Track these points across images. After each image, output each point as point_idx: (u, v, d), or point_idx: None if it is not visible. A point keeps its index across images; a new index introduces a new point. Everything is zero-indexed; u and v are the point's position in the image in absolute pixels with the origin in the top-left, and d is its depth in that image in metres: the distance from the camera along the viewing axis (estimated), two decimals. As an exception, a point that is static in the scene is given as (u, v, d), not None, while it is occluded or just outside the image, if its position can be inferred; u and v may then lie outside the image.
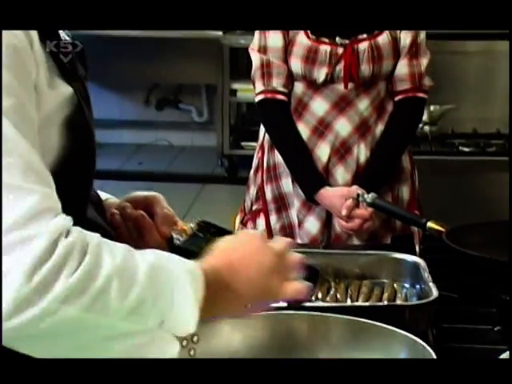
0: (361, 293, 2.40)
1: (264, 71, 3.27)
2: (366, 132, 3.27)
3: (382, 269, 2.53)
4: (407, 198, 3.37)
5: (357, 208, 3.07)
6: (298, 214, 3.33)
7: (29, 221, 1.33)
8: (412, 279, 2.47)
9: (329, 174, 3.27)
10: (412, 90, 3.28)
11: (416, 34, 3.25)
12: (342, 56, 3.18)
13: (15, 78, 1.43)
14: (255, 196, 3.44)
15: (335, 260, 2.55)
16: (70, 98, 1.62)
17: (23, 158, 1.39)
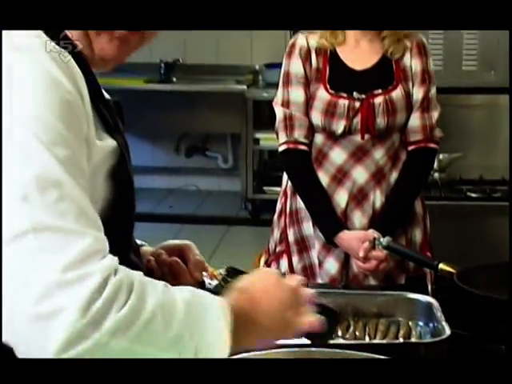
0: (378, 330, 2.38)
1: (287, 123, 3.28)
2: (381, 179, 3.27)
3: (398, 308, 2.50)
4: (420, 241, 3.36)
5: (373, 250, 3.08)
6: (318, 256, 3.32)
7: (82, 262, 1.35)
8: (426, 318, 2.44)
9: (347, 218, 3.26)
10: (424, 140, 3.30)
11: (427, 89, 3.28)
12: (359, 109, 3.20)
13: (70, 131, 1.44)
14: (279, 238, 3.44)
15: (354, 299, 2.52)
16: (114, 151, 1.64)
17: (77, 203, 1.40)
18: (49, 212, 1.36)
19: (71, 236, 1.36)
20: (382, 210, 3.28)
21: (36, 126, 1.40)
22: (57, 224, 1.36)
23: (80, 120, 1.49)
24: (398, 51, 3.27)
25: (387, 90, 3.24)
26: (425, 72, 3.31)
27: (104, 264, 1.38)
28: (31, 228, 1.34)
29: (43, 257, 1.33)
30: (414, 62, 3.29)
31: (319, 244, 3.32)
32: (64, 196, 1.38)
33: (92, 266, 1.35)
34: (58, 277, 1.32)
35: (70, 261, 1.33)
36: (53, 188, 1.37)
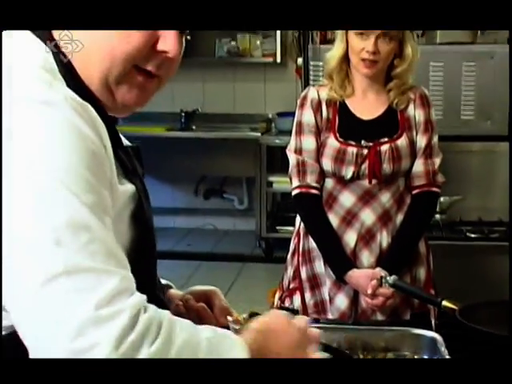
0: (386, 364, 2.37)
1: (300, 169, 3.30)
2: (387, 221, 3.28)
3: (404, 343, 2.47)
4: (424, 279, 3.36)
5: (380, 287, 3.07)
6: (329, 292, 3.32)
7: (113, 299, 1.35)
8: (430, 352, 2.41)
9: (356, 257, 3.26)
10: (427, 185, 3.31)
11: (430, 138, 3.31)
12: (367, 156, 3.21)
13: (96, 178, 1.44)
14: (292, 276, 3.43)
15: (363, 334, 2.49)
16: (134, 195, 1.63)
17: (105, 245, 1.40)
18: (80, 254, 1.36)
19: (102, 276, 1.36)
20: (388, 250, 3.27)
21: (65, 175, 1.40)
22: (88, 265, 1.36)
23: (104, 167, 1.50)
24: (403, 102, 3.30)
25: (393, 139, 3.26)
26: (427, 122, 3.32)
27: (133, 301, 1.38)
28: (64, 270, 1.34)
29: (76, 296, 1.34)
30: (417, 113, 3.31)
31: (330, 281, 3.31)
32: (93, 238, 1.38)
33: (122, 304, 1.36)
34: (92, 314, 1.32)
35: (102, 299, 1.34)
36: (83, 231, 1.37)
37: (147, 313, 1.38)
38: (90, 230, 1.38)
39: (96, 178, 1.44)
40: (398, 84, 3.29)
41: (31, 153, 1.40)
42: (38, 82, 1.48)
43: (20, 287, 1.37)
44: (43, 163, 1.40)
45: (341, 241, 3.27)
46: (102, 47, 1.60)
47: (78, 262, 1.35)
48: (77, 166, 1.41)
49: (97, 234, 1.39)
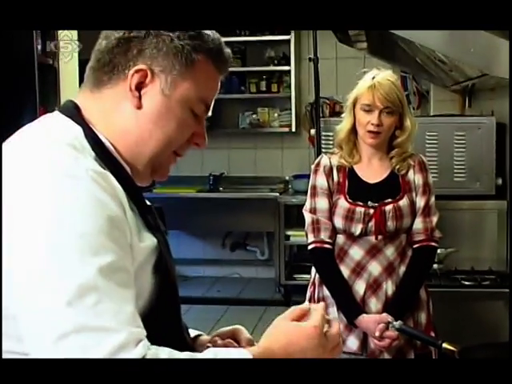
0: (395, 402, 2.31)
1: (314, 227, 3.30)
2: (392, 272, 3.28)
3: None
4: (424, 322, 3.33)
5: (387, 331, 3.08)
6: (341, 335, 3.25)
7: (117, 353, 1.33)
8: (434, 391, 2.36)
9: (364, 304, 3.25)
10: (426, 240, 3.31)
11: (428, 199, 3.32)
12: (373, 215, 3.22)
13: (112, 242, 1.42)
14: None
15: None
16: (156, 248, 1.59)
17: (114, 303, 1.38)
18: (88, 314, 1.34)
19: (107, 333, 1.34)
20: (393, 297, 3.25)
21: (79, 241, 1.38)
22: (95, 324, 1.34)
23: (123, 230, 1.47)
24: (404, 168, 3.31)
25: (395, 200, 3.27)
26: (425, 185, 3.33)
27: (137, 352, 1.35)
28: (74, 329, 1.32)
29: (84, 352, 1.32)
30: (416, 177, 3.31)
31: (342, 325, 3.25)
32: (102, 299, 1.35)
33: (125, 355, 1.33)
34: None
35: (105, 354, 1.32)
36: (92, 293, 1.35)
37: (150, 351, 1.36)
38: (99, 291, 1.36)
39: (111, 241, 1.42)
40: (400, 152, 3.30)
41: (48, 223, 1.39)
42: (64, 157, 1.48)
43: (34, 342, 1.37)
44: (60, 231, 1.38)
45: (351, 289, 3.26)
46: (159, 138, 1.63)
47: (87, 321, 1.33)
48: (91, 232, 1.40)
49: (105, 295, 1.37)
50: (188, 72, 1.62)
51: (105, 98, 1.63)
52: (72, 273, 1.35)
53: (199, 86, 1.64)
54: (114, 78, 1.61)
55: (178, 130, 1.65)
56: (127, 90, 1.60)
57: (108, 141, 1.60)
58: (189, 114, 1.65)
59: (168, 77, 1.60)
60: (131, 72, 1.59)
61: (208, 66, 1.65)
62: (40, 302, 1.35)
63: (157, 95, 1.61)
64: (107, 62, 1.62)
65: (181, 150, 1.70)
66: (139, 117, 1.61)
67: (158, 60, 1.60)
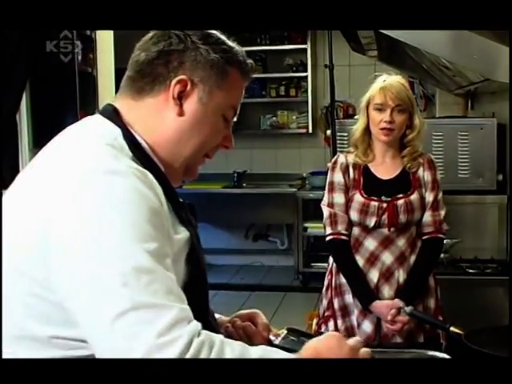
0: (406, 381, 2.29)
1: (332, 220, 3.28)
2: (403, 261, 3.25)
3: (421, 363, 2.40)
4: (433, 307, 3.31)
5: (398, 315, 3.07)
6: (357, 319, 3.28)
7: (171, 328, 1.34)
8: (443, 370, 2.34)
9: (378, 290, 3.23)
10: (434, 232, 3.29)
11: (436, 194, 3.29)
12: (386, 209, 3.20)
13: (156, 230, 1.44)
14: (326, 306, 3.39)
15: (386, 355, 2.41)
16: (188, 240, 1.61)
17: (165, 284, 1.40)
18: (143, 293, 1.36)
19: (162, 310, 1.35)
20: (404, 285, 3.24)
21: (130, 229, 1.41)
22: (150, 301, 1.35)
23: (162, 220, 1.49)
24: (414, 166, 3.29)
25: (407, 195, 3.24)
26: (434, 181, 3.30)
27: (188, 329, 1.36)
28: (131, 307, 1.34)
29: (142, 328, 1.33)
30: (425, 174, 3.29)
31: (357, 310, 3.27)
32: (154, 279, 1.38)
33: (179, 331, 1.34)
34: (154, 342, 1.32)
35: (162, 328, 1.33)
36: (145, 274, 1.37)
37: (200, 337, 1.36)
38: (152, 273, 1.38)
39: (155, 230, 1.44)
40: (411, 151, 3.28)
41: (100, 213, 1.41)
42: (105, 156, 1.50)
43: (94, 322, 1.38)
44: (111, 220, 1.41)
45: (366, 277, 3.24)
46: (196, 141, 1.67)
47: (142, 299, 1.35)
48: (139, 221, 1.42)
49: (157, 276, 1.39)
50: (222, 82, 1.66)
51: (147, 105, 1.65)
52: (125, 257, 1.38)
53: (230, 94, 1.69)
54: (155, 88, 1.64)
55: (212, 134, 1.69)
56: (168, 99, 1.63)
57: (145, 142, 1.63)
58: (221, 119, 1.69)
59: (205, 87, 1.64)
60: (173, 82, 1.62)
61: (237, 76, 1.70)
62: (98, 284, 1.37)
63: (196, 103, 1.64)
64: (148, 73, 1.64)
65: (211, 152, 1.74)
66: (179, 123, 1.64)
67: (197, 71, 1.63)
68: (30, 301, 1.46)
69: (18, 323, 1.48)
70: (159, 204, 1.50)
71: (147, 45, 1.66)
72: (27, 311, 1.47)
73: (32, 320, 1.47)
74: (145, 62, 1.65)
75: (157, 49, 1.64)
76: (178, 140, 1.65)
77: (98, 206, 1.41)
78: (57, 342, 1.46)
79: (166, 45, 1.63)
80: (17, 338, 1.49)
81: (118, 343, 1.34)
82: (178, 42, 1.63)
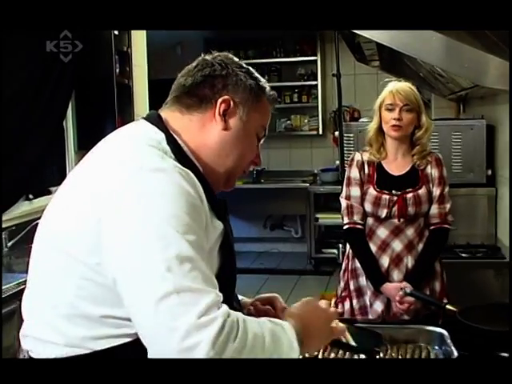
0: (407, 353, 2.28)
1: (349, 211, 3.28)
2: (411, 249, 3.24)
3: (420, 336, 2.40)
4: (439, 290, 3.28)
5: (405, 297, 3.05)
6: (369, 299, 3.28)
7: (209, 310, 1.35)
8: (439, 344, 2.33)
9: (388, 274, 3.22)
10: (440, 223, 3.26)
11: (443, 189, 3.27)
12: (396, 202, 3.19)
13: (195, 223, 1.45)
14: (343, 287, 3.40)
15: (390, 330, 2.42)
16: (222, 232, 1.62)
17: (202, 271, 1.40)
18: (185, 278, 1.36)
19: (202, 293, 1.36)
20: (412, 269, 3.22)
21: (173, 221, 1.41)
22: (191, 286, 1.36)
23: (201, 215, 1.50)
24: (423, 164, 3.26)
25: (415, 189, 3.22)
26: (440, 177, 3.27)
27: (222, 311, 1.37)
28: (174, 290, 1.35)
29: (184, 309, 1.34)
30: (433, 171, 3.26)
31: (370, 292, 3.27)
32: (195, 267, 1.38)
33: (215, 313, 1.35)
34: (195, 322, 1.32)
35: (202, 310, 1.34)
36: (187, 262, 1.38)
37: (230, 317, 1.37)
38: (192, 261, 1.39)
39: (195, 223, 1.44)
40: (420, 150, 3.26)
41: (147, 206, 1.42)
42: (151, 156, 1.53)
43: (140, 303, 1.38)
44: (157, 212, 1.41)
45: (378, 262, 3.22)
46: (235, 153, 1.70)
47: (184, 284, 1.36)
48: (181, 214, 1.42)
49: (196, 264, 1.39)
50: (257, 104, 1.72)
51: (195, 118, 1.69)
52: (169, 246, 1.38)
53: (262, 115, 1.75)
54: (202, 106, 1.68)
55: (249, 149, 1.74)
56: (213, 115, 1.68)
57: (187, 147, 1.66)
58: (255, 137, 1.74)
59: (244, 107, 1.70)
60: (219, 101, 1.67)
61: (266, 102, 1.76)
62: (144, 269, 1.38)
63: (237, 120, 1.69)
64: (195, 94, 1.69)
65: (247, 167, 1.78)
66: (223, 136, 1.68)
67: (238, 93, 1.69)
68: (82, 284, 1.48)
69: (71, 303, 1.49)
70: (199, 200, 1.51)
71: (192, 72, 1.71)
72: (80, 293, 1.48)
73: (84, 301, 1.48)
74: (192, 84, 1.69)
75: (202, 74, 1.69)
76: (221, 150, 1.68)
77: (145, 199, 1.43)
78: (107, 321, 1.48)
79: (210, 71, 1.69)
80: (68, 316, 1.50)
81: (161, 323, 1.34)
82: (220, 68, 1.69)
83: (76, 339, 1.50)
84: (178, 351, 1.32)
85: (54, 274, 1.52)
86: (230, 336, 1.35)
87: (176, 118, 1.69)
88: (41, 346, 1.55)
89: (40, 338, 1.56)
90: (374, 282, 3.21)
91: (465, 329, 2.39)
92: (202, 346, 1.31)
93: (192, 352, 1.31)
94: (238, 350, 1.36)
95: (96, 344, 1.49)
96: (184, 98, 1.70)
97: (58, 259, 1.51)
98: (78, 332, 1.49)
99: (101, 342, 1.49)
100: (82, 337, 1.49)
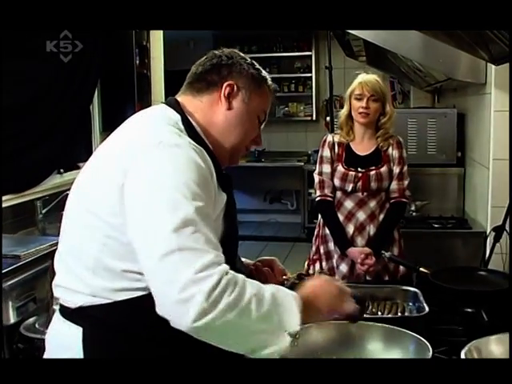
0: (385, 309, 2.28)
1: (321, 185, 3.28)
2: (373, 219, 3.24)
3: (397, 295, 2.40)
4: (397, 254, 3.24)
5: (366, 259, 3.08)
6: (336, 262, 3.29)
7: (207, 268, 1.34)
8: (413, 301, 2.34)
9: (353, 240, 3.23)
10: (399, 197, 3.27)
11: (402, 168, 3.26)
12: (361, 178, 3.19)
13: (203, 192, 1.45)
14: (314, 251, 3.40)
15: (370, 290, 2.42)
16: (227, 202, 1.61)
17: (204, 234, 1.39)
18: (189, 238, 1.36)
19: (201, 253, 1.36)
20: (374, 237, 3.23)
21: (183, 188, 1.41)
22: (193, 246, 1.36)
23: (210, 187, 1.50)
24: (385, 145, 3.26)
25: (378, 167, 3.23)
26: (400, 158, 3.26)
27: (220, 269, 1.36)
28: (177, 248, 1.35)
29: (184, 265, 1.34)
30: (394, 152, 3.26)
31: (337, 255, 3.28)
32: (198, 230, 1.38)
33: (212, 270, 1.35)
34: (192, 276, 1.33)
35: (200, 267, 1.34)
36: (191, 225, 1.38)
37: (228, 275, 1.36)
38: (196, 224, 1.38)
39: (203, 192, 1.44)
40: (383, 133, 3.25)
41: (163, 175, 1.43)
42: (170, 133, 1.54)
43: (147, 258, 1.39)
44: (171, 180, 1.42)
45: (344, 230, 3.23)
46: (238, 131, 1.70)
47: (187, 243, 1.36)
48: (191, 183, 1.43)
49: (199, 227, 1.39)
50: (259, 90, 1.72)
51: (204, 99, 1.70)
52: (178, 209, 1.39)
53: (263, 100, 1.74)
54: (210, 89, 1.70)
55: (251, 128, 1.72)
56: (220, 97, 1.69)
57: (199, 127, 1.67)
58: (256, 119, 1.73)
59: (247, 91, 1.70)
60: (224, 85, 1.68)
61: (267, 90, 1.76)
62: (153, 229, 1.39)
63: (240, 102, 1.69)
64: (204, 79, 1.71)
65: (249, 145, 1.77)
66: (227, 115, 1.69)
67: (241, 79, 1.70)
68: (107, 241, 1.49)
69: (96, 258, 1.51)
70: (209, 174, 1.51)
71: (202, 62, 1.73)
72: (104, 249, 1.50)
73: (108, 256, 1.50)
74: (202, 72, 1.71)
75: (211, 63, 1.71)
76: (226, 127, 1.68)
77: (161, 168, 1.44)
78: (127, 275, 1.49)
79: (218, 61, 1.71)
80: (94, 269, 1.52)
81: (163, 275, 1.35)
82: (227, 59, 1.71)
83: (99, 290, 1.51)
84: (175, 302, 1.32)
85: (83, 231, 1.54)
86: (226, 291, 1.34)
87: (189, 101, 1.70)
88: (69, 294, 1.57)
89: (69, 288, 1.57)
90: (341, 247, 3.21)
91: (435, 288, 2.40)
92: (197, 298, 1.31)
93: (188, 303, 1.31)
94: (232, 304, 1.35)
95: (116, 295, 1.50)
96: (195, 83, 1.72)
97: (86, 219, 1.53)
98: (102, 283, 1.51)
99: (120, 294, 1.50)
100: (104, 288, 1.51)
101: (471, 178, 4.52)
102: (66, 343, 1.57)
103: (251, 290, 1.40)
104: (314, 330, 1.78)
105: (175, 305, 1.32)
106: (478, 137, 4.20)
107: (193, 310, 1.31)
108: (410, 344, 1.71)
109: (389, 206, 3.26)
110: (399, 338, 1.75)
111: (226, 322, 1.34)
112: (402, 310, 2.28)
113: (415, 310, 2.29)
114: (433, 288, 2.42)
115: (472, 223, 4.22)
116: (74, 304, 1.55)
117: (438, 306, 2.28)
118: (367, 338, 1.76)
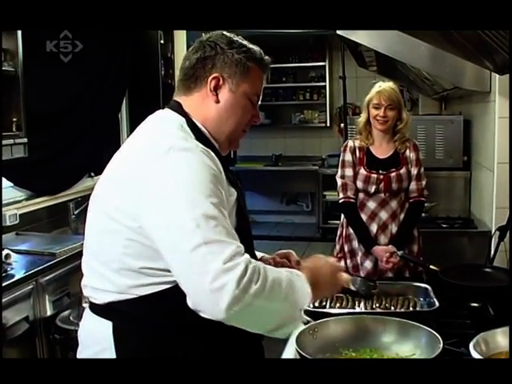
0: (398, 303, 2.27)
1: (343, 188, 3.26)
2: (395, 218, 3.23)
3: (409, 291, 2.38)
4: (416, 251, 3.28)
5: (391, 258, 3.08)
6: (360, 260, 3.27)
7: (233, 257, 1.35)
8: (424, 296, 2.32)
9: (376, 239, 3.21)
10: (418, 196, 3.27)
11: (419, 169, 3.26)
12: (382, 180, 3.18)
13: (217, 189, 1.45)
14: (339, 250, 3.39)
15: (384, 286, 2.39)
16: (236, 198, 1.61)
17: (225, 227, 1.41)
18: (211, 232, 1.37)
19: (226, 244, 1.37)
20: (395, 235, 3.21)
21: (199, 187, 1.42)
22: (217, 238, 1.37)
23: (221, 183, 1.50)
24: (403, 148, 3.26)
25: (397, 169, 3.23)
26: (417, 159, 3.27)
27: (245, 258, 1.37)
28: (203, 241, 1.35)
29: (212, 256, 1.34)
30: (411, 154, 3.26)
31: (361, 253, 3.27)
32: (218, 223, 1.39)
33: (239, 259, 1.36)
34: (221, 267, 1.33)
35: (227, 257, 1.34)
36: (212, 219, 1.38)
37: (252, 263, 1.38)
38: (215, 219, 1.39)
39: (216, 188, 1.45)
40: (400, 137, 3.26)
41: (177, 178, 1.43)
42: (178, 137, 1.53)
43: (175, 255, 1.39)
44: (186, 181, 1.42)
45: (368, 229, 3.22)
46: (232, 121, 1.66)
47: (211, 236, 1.36)
48: (206, 182, 1.43)
49: (219, 221, 1.39)
50: (245, 75, 1.65)
51: (195, 98, 1.67)
52: (197, 206, 1.39)
53: (253, 84, 1.67)
54: (198, 85, 1.66)
55: (243, 114, 1.67)
56: (207, 92, 1.64)
57: (202, 126, 1.65)
58: (248, 102, 1.67)
59: (233, 80, 1.64)
60: (210, 79, 1.63)
61: (257, 70, 1.68)
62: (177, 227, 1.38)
63: (227, 93, 1.64)
64: (191, 75, 1.66)
65: (246, 127, 1.71)
66: (218, 108, 1.64)
67: (225, 69, 1.63)
68: (128, 243, 1.50)
69: (119, 259, 1.52)
70: (219, 172, 1.51)
71: (189, 54, 1.68)
72: (125, 250, 1.51)
73: (129, 257, 1.51)
74: (188, 67, 1.67)
75: (196, 56, 1.65)
76: (218, 119, 1.64)
77: (175, 172, 1.44)
78: (149, 272, 1.50)
79: (201, 53, 1.64)
80: (118, 270, 1.53)
81: (194, 268, 1.35)
82: (210, 49, 1.64)
83: (125, 287, 1.53)
84: (209, 291, 1.33)
85: (105, 236, 1.55)
86: (253, 278, 1.36)
87: (184, 101, 1.67)
88: (97, 293, 1.59)
89: (97, 288, 1.59)
90: (366, 245, 3.21)
91: (445, 284, 2.40)
92: (229, 286, 1.32)
93: (221, 291, 1.32)
94: (259, 290, 1.36)
95: (141, 290, 1.51)
96: (185, 81, 1.68)
97: (107, 224, 1.53)
98: (127, 282, 1.52)
99: (145, 289, 1.51)
100: (129, 285, 1.52)
101: (477, 180, 4.49)
102: (97, 337, 1.58)
103: (272, 275, 1.42)
104: (331, 324, 1.76)
105: (209, 294, 1.33)
106: (483, 142, 4.18)
107: (227, 297, 1.32)
108: (422, 336, 1.69)
109: (408, 206, 3.26)
110: (412, 331, 1.73)
111: (255, 307, 1.37)
112: (414, 304, 2.27)
113: (426, 304, 2.27)
114: (442, 284, 2.41)
115: (478, 223, 4.20)
116: (103, 301, 1.57)
117: (447, 301, 2.27)
118: (382, 330, 1.74)
